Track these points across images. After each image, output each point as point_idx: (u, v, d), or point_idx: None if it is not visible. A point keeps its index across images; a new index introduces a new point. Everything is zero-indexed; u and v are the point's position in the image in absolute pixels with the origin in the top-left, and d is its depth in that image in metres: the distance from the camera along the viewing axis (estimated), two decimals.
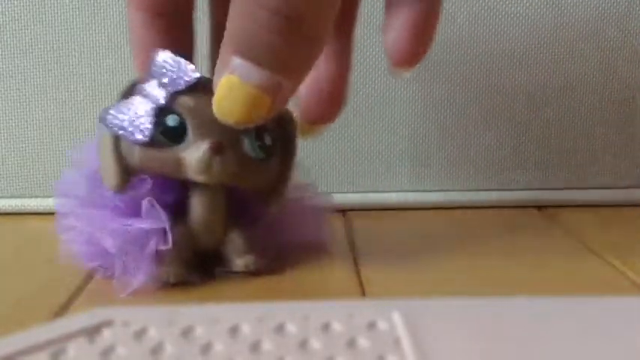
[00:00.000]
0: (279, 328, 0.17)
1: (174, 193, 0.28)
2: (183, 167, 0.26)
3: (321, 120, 0.29)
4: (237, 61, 0.21)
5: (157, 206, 0.26)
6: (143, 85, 0.26)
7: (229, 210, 0.28)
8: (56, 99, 0.39)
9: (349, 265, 0.30)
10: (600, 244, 0.32)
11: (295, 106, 0.28)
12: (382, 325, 0.18)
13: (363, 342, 0.17)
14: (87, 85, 0.39)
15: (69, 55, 0.38)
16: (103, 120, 0.26)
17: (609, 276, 0.28)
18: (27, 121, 0.39)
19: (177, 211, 0.27)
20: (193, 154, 0.25)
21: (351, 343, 0.17)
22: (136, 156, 0.26)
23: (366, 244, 0.33)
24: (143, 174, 0.26)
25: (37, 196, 0.40)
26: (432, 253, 0.31)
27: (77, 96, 0.39)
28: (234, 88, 0.21)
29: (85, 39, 0.38)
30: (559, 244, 0.33)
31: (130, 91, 0.26)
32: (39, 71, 0.39)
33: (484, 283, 0.28)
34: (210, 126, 0.26)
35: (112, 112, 0.26)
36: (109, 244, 0.26)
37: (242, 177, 0.27)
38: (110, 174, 0.26)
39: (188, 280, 0.27)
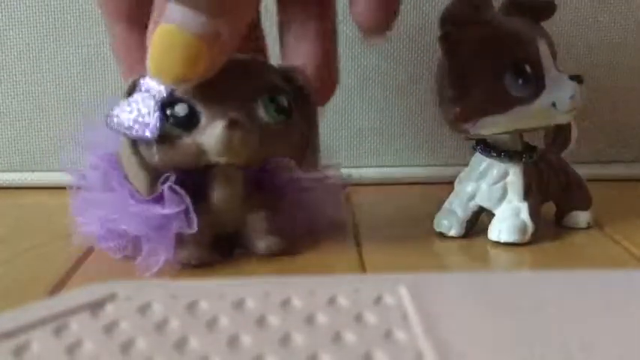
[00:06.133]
0: (285, 303, 0.17)
1: (193, 175, 0.27)
2: (204, 153, 0.25)
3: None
4: (174, 7, 0.20)
5: (179, 190, 0.26)
6: (141, 81, 0.25)
7: (249, 191, 0.27)
8: (53, 72, 0.38)
9: (350, 240, 0.30)
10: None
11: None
12: (389, 299, 0.17)
13: (369, 317, 0.16)
14: (84, 57, 0.38)
15: (65, 27, 0.38)
16: (108, 123, 0.25)
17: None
18: (24, 95, 0.39)
19: (196, 193, 0.26)
20: (211, 135, 0.24)
21: (358, 318, 0.16)
22: (155, 155, 0.25)
23: (366, 219, 0.33)
24: (167, 171, 0.25)
25: (34, 170, 0.39)
26: (432, 228, 0.31)
27: (74, 69, 0.38)
28: (173, 37, 0.20)
29: (81, 11, 0.37)
30: None
31: (132, 89, 0.25)
32: (35, 44, 0.38)
33: (487, 258, 0.28)
34: (221, 103, 0.25)
35: (115, 113, 0.25)
36: (132, 228, 0.25)
37: (266, 146, 0.25)
38: (139, 180, 0.25)
39: (209, 262, 0.26)
